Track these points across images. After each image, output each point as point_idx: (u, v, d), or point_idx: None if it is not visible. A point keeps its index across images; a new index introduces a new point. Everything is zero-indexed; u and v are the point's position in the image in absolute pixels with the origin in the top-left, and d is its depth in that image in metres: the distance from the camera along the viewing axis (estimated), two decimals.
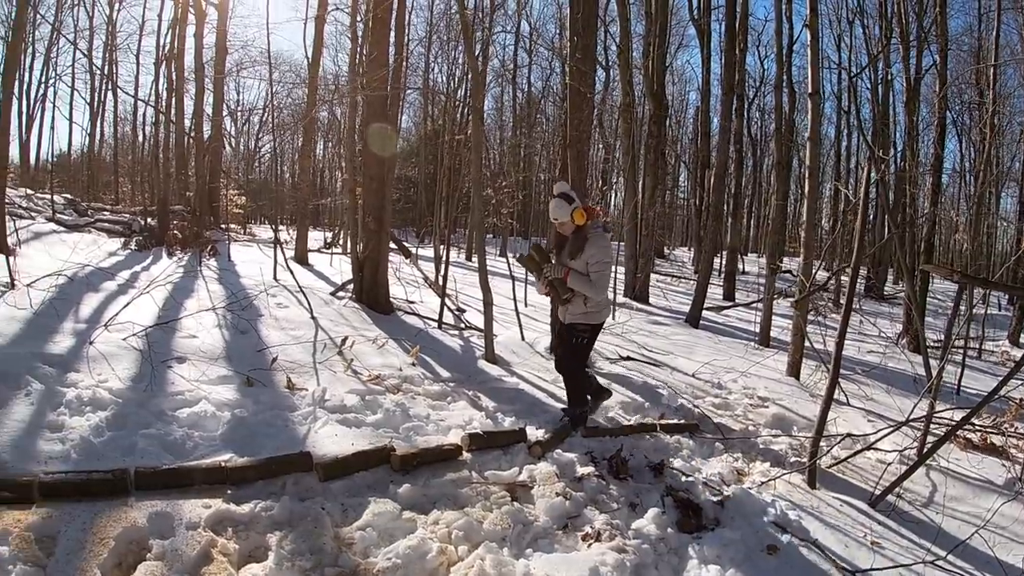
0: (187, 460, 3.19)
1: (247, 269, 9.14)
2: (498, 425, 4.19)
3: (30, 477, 2.74)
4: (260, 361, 4.76)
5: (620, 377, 5.82)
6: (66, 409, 3.42)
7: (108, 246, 10.16)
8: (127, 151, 27.22)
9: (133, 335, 4.67)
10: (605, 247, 4.17)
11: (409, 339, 6.07)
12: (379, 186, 7.53)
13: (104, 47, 22.90)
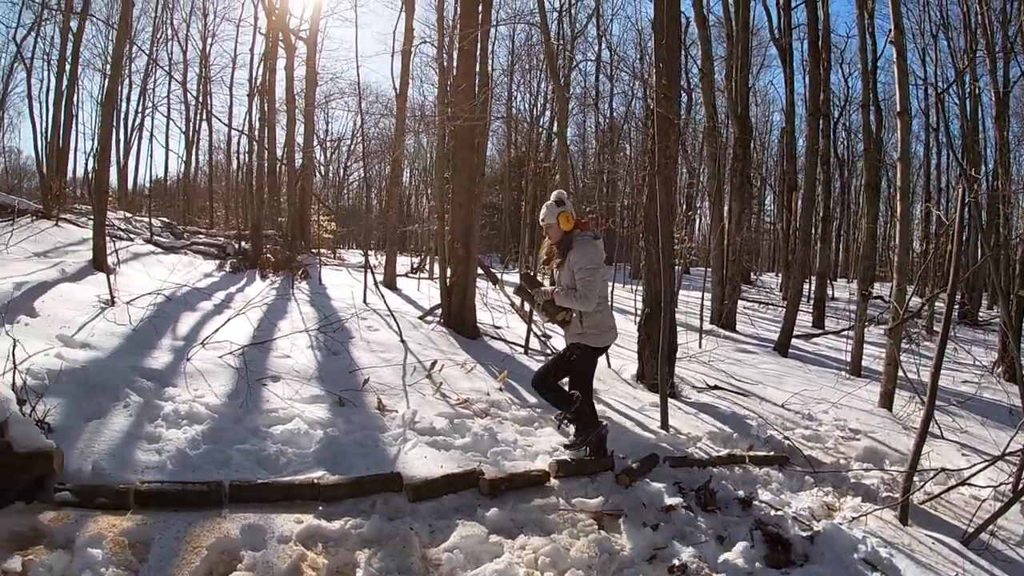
0: (280, 475, 3.96)
1: (337, 292, 11.03)
2: (584, 452, 4.96)
3: (127, 485, 3.55)
4: (351, 382, 5.81)
5: (708, 406, 6.93)
6: (163, 422, 4.40)
7: (203, 267, 12.46)
8: (220, 178, 34.00)
9: (229, 353, 5.86)
10: (589, 252, 4.75)
11: (496, 364, 7.32)
12: (467, 213, 9.18)
13: (198, 79, 29.56)
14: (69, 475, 3.69)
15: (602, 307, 4.93)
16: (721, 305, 14.93)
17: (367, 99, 32.94)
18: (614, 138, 32.24)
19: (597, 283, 4.78)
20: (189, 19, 29.44)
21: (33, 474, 3.54)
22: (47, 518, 3.34)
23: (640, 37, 30.43)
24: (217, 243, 15.86)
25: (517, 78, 31.31)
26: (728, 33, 17.33)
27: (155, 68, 29.02)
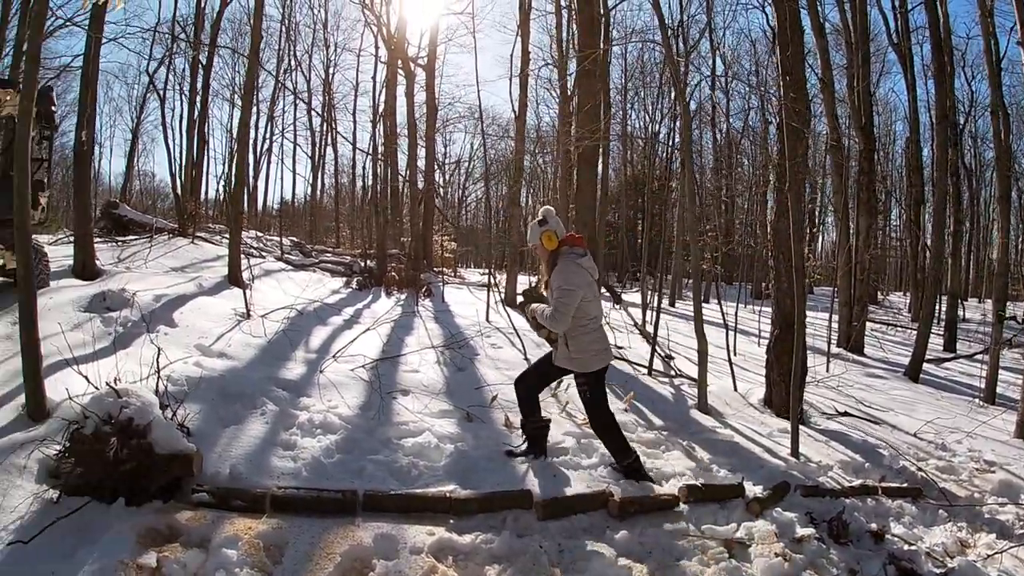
0: (412, 487, 4.31)
1: (460, 310, 11.51)
2: (713, 477, 5.13)
3: (263, 489, 3.99)
4: (478, 398, 6.16)
5: (838, 434, 7.03)
6: (298, 430, 4.91)
7: (331, 284, 13.32)
8: (344, 199, 36.90)
9: (361, 367, 6.44)
10: (566, 273, 4.74)
11: (619, 385, 7.42)
12: (590, 232, 9.46)
13: (322, 107, 32.29)
14: (206, 477, 4.16)
15: (589, 329, 4.88)
16: (849, 327, 15.02)
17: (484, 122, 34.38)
18: (732, 153, 32.70)
19: (573, 304, 4.72)
20: (311, 50, 32.74)
21: (172, 475, 4.00)
22: (184, 517, 3.76)
23: (754, 49, 31.61)
24: (343, 261, 16.99)
25: (631, 96, 32.88)
26: (847, 40, 17.30)
27: (281, 96, 32.09)
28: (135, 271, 9.79)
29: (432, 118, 19.99)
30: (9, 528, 3.51)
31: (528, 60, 15.20)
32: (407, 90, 18.93)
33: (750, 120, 32.44)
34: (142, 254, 11.40)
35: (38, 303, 4.98)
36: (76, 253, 9.32)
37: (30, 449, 4.10)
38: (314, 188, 35.28)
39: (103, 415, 3.86)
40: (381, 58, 22.99)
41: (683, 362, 9.60)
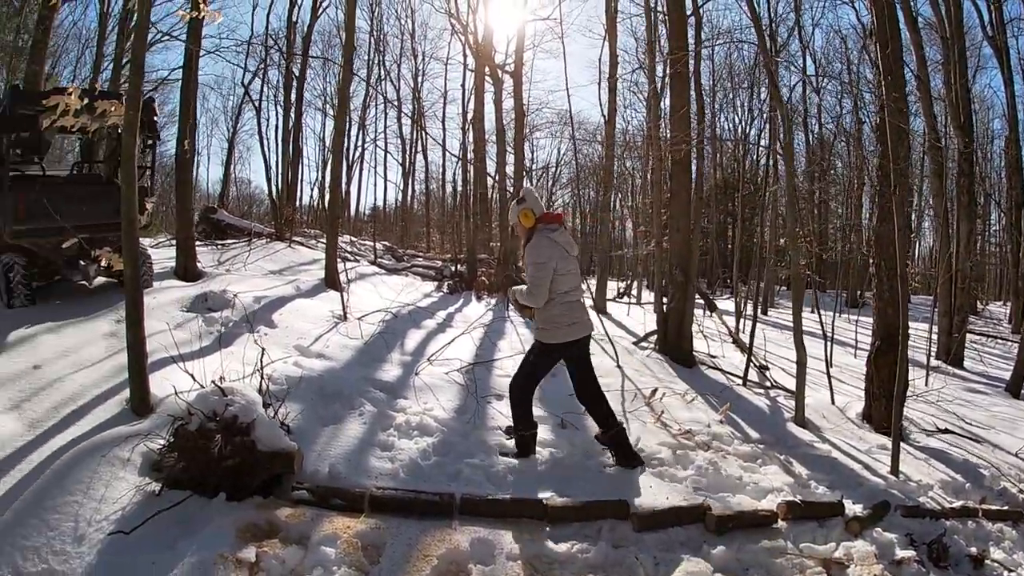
0: (508, 492, 4.28)
1: None
2: (811, 494, 5.03)
3: (362, 489, 4.05)
4: (572, 405, 5.97)
5: (938, 452, 6.83)
6: (395, 431, 4.98)
7: (423, 288, 13.52)
8: (434, 205, 37.64)
9: (456, 370, 6.49)
10: (537, 247, 4.79)
11: (714, 394, 7.37)
12: (685, 237, 9.37)
13: (412, 114, 33.02)
14: (306, 475, 4.26)
15: (557, 302, 4.87)
16: (948, 338, 14.69)
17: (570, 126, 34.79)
18: (823, 156, 31.50)
19: (546, 277, 4.77)
20: (400, 60, 33.43)
21: (273, 472, 4.10)
22: (283, 514, 3.85)
23: (844, 45, 30.60)
24: (434, 266, 17.23)
25: (720, 97, 32.15)
26: (941, 35, 16.74)
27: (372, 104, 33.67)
28: (235, 273, 10.20)
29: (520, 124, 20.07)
30: (111, 518, 3.64)
31: (616, 64, 15.28)
32: (495, 97, 19.22)
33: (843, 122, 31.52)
34: (241, 257, 11.87)
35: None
36: (178, 256, 9.77)
37: (134, 443, 4.26)
38: (405, 194, 36.34)
39: (208, 412, 3.97)
40: (468, 66, 23.43)
41: (778, 373, 9.48)
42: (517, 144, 19.55)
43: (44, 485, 3.93)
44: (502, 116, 19.25)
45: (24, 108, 7.76)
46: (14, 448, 4.51)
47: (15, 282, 7.69)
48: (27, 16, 24.09)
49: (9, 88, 8.77)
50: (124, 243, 5.08)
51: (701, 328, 10.73)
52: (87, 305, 7.82)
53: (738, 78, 31.91)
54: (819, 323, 10.55)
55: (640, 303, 17.40)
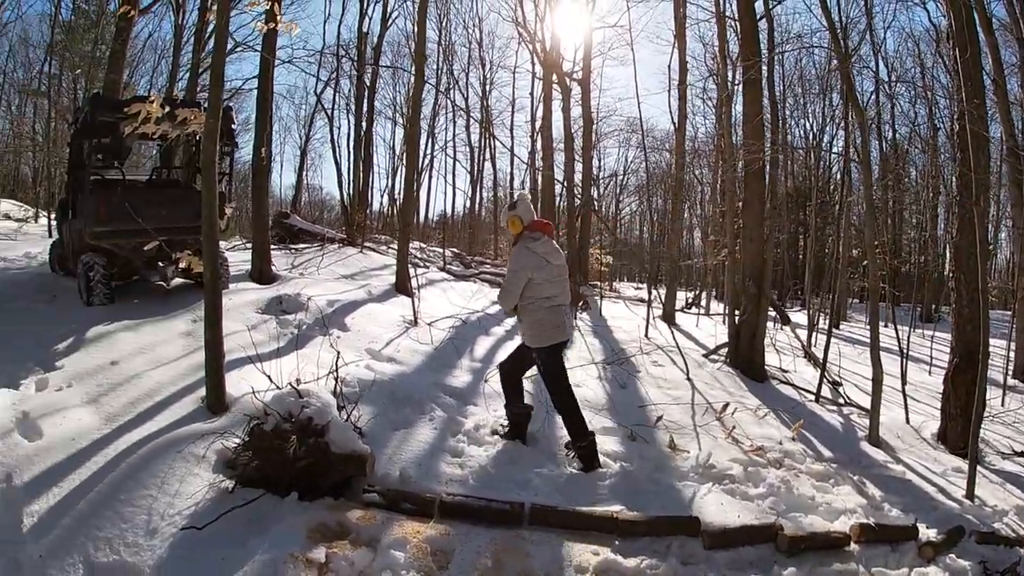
0: (577, 504, 4.26)
1: (618, 325, 11.46)
2: (884, 516, 4.92)
3: (432, 495, 4.09)
4: (641, 417, 6.08)
5: (1015, 476, 6.61)
6: (464, 437, 5.03)
7: (491, 295, 13.21)
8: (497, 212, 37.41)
9: (525, 378, 6.41)
10: (517, 254, 5.16)
11: (786, 410, 7.21)
12: (758, 248, 9.19)
13: (480, 122, 33.36)
14: (377, 478, 4.33)
15: (540, 307, 5.14)
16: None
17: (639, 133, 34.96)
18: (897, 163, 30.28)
19: (517, 284, 5.11)
20: (468, 69, 33.86)
21: (345, 474, 4.18)
22: (354, 516, 3.92)
23: (917, 50, 29.75)
24: (501, 273, 17.00)
25: (790, 103, 31.58)
26: (1017, 37, 15.75)
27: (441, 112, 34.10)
28: (308, 277, 10.43)
29: (588, 132, 20.22)
30: (184, 513, 3.76)
31: (686, 70, 15.15)
32: (563, 105, 19.28)
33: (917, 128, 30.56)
34: (314, 261, 12.17)
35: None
36: (254, 259, 10.03)
37: (210, 440, 4.39)
38: (473, 201, 36.83)
39: (284, 413, 4.06)
40: (536, 74, 23.62)
41: (850, 389, 9.22)
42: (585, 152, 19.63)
43: (119, 478, 4.09)
44: (570, 124, 19.32)
45: (105, 115, 8.13)
46: (91, 440, 4.67)
47: (95, 281, 8.01)
48: (104, 28, 25.58)
49: (91, 96, 9.17)
50: (204, 246, 5.24)
51: (773, 341, 10.55)
52: (164, 305, 8.10)
53: (808, 83, 31.35)
54: (895, 338, 10.21)
55: (709, 314, 17.26)
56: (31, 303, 8.47)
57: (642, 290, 22.51)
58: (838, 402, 8.40)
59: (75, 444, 4.60)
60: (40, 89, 27.58)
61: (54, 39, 25.85)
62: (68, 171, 9.87)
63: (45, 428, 4.81)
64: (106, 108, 8.24)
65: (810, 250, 18.23)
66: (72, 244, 8.99)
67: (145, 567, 3.40)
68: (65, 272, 9.78)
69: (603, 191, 44.62)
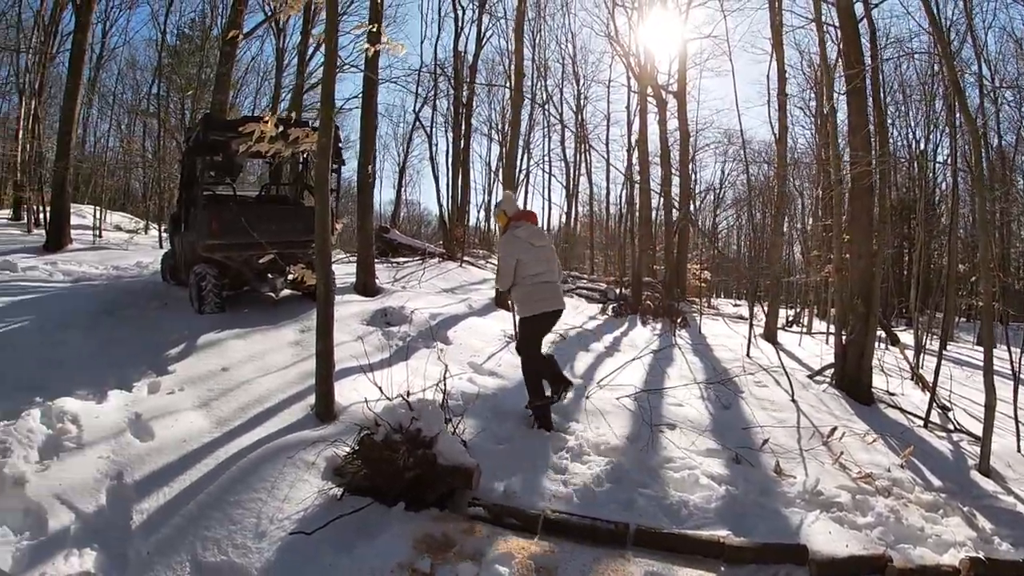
0: (682, 527, 4.25)
1: (718, 342, 11.27)
2: (994, 551, 4.74)
3: (536, 511, 4.14)
4: (745, 439, 5.97)
5: None
6: (567, 454, 5.06)
7: (588, 311, 13.67)
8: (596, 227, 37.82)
9: (627, 396, 6.50)
10: (503, 241, 6.16)
11: (894, 436, 6.92)
12: (866, 264, 8.86)
13: (575, 138, 33.65)
14: (481, 492, 4.40)
15: (527, 283, 5.93)
16: None
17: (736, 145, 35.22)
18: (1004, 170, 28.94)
19: (508, 266, 5.97)
20: (562, 85, 33.82)
21: (450, 486, 4.28)
22: (459, 528, 4.01)
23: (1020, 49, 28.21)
24: (599, 288, 17.32)
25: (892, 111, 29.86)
26: None
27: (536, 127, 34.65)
28: (410, 290, 10.75)
29: (685, 145, 20.27)
30: (292, 518, 3.93)
31: (785, 80, 14.83)
32: (659, 118, 19.21)
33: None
34: (415, 275, 12.49)
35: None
36: (358, 272, 10.37)
37: (319, 448, 4.58)
38: (568, 216, 36.92)
39: (394, 424, 4.20)
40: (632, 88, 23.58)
41: (960, 414, 8.84)
42: (682, 165, 19.49)
43: (229, 481, 4.31)
44: (667, 137, 19.25)
45: (216, 134, 8.70)
46: (201, 443, 4.93)
47: (207, 291, 8.47)
48: (207, 52, 27.44)
49: (202, 117, 9.70)
50: (318, 260, 5.47)
51: (880, 362, 10.20)
52: (273, 315, 8.47)
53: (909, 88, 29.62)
54: (1007, 360, 9.71)
55: (811, 332, 16.78)
56: (144, 310, 8.99)
57: (740, 307, 22.11)
58: (947, 428, 8.08)
59: (186, 446, 4.88)
60: (149, 110, 29.54)
61: (161, 62, 27.51)
62: (181, 187, 10.48)
63: (157, 430, 5.12)
64: (217, 128, 8.83)
65: (917, 266, 17.36)
66: (185, 255, 9.52)
67: (253, 569, 3.57)
68: (176, 281, 10.37)
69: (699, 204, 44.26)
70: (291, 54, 27.64)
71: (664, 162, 19.20)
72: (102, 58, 29.86)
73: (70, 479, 4.36)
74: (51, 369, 6.47)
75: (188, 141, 10.13)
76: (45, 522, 3.93)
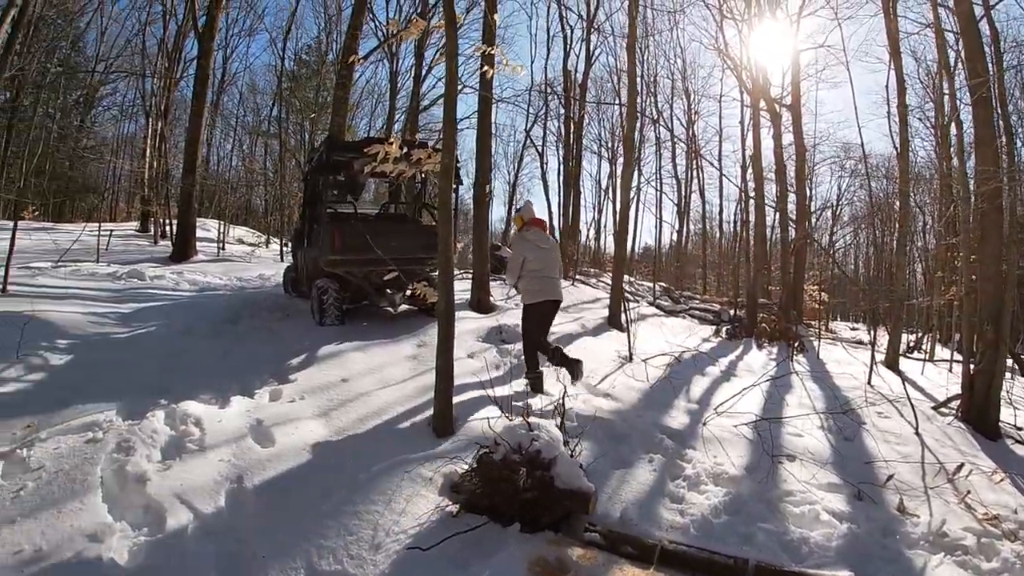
0: (803, 565, 4.12)
1: (837, 369, 10.81)
2: None
3: (653, 540, 4.09)
4: (868, 474, 5.71)
5: None
6: (684, 482, 4.97)
7: (701, 332, 13.40)
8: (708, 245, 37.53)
9: (744, 424, 6.34)
10: (513, 243, 7.66)
11: (1022, 474, 6.43)
12: (997, 288, 8.39)
13: (686, 154, 33.43)
14: (596, 517, 4.37)
15: (530, 277, 7.12)
16: None
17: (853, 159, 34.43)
18: None
19: (515, 264, 7.20)
20: (671, 100, 33.32)
21: (566, 510, 4.26)
22: (574, 553, 3.99)
23: None
24: (712, 309, 17.10)
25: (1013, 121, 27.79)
26: None
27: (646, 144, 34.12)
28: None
29: (801, 160, 19.52)
30: (409, 532, 4.02)
31: (904, 90, 14.15)
32: (773, 132, 18.76)
33: None
34: None
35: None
36: (473, 289, 10.59)
37: (437, 463, 4.69)
38: (680, 234, 36.41)
39: (514, 444, 4.25)
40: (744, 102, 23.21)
41: None
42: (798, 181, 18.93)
43: (347, 491, 4.45)
44: (781, 152, 18.70)
45: (338, 155, 9.16)
46: (320, 452, 5.11)
47: (328, 304, 8.85)
48: (324, 76, 29.00)
49: (326, 138, 10.14)
50: (440, 278, 5.62)
51: (1009, 394, 9.62)
52: (390, 329, 8.72)
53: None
54: None
55: (933, 359, 15.89)
56: (266, 320, 9.48)
57: (858, 330, 21.19)
58: None
59: (305, 454, 5.08)
60: (269, 131, 31.26)
61: (280, 87, 29.28)
62: (304, 204, 10.99)
63: (277, 436, 5.34)
64: (339, 149, 9.29)
65: None
66: (307, 269, 9.96)
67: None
68: (297, 294, 10.86)
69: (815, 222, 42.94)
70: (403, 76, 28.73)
71: (780, 178, 18.75)
72: (224, 82, 32.48)
73: (190, 480, 4.61)
74: (176, 373, 6.91)
75: (311, 161, 10.66)
76: (164, 520, 4.16)
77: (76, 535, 3.94)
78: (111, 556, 3.78)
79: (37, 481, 4.48)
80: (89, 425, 5.26)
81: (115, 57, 31.83)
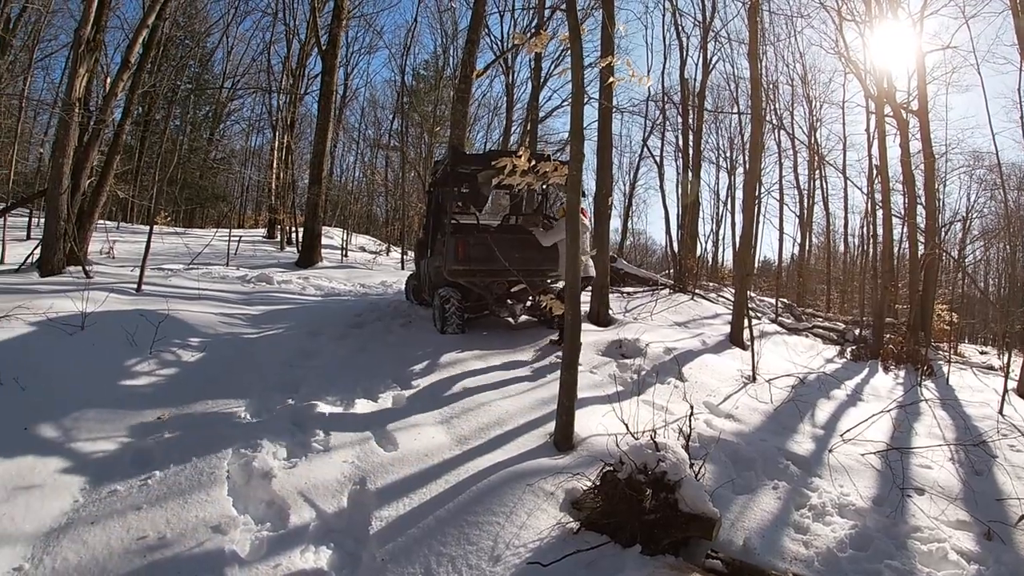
0: None
1: (967, 397, 10.09)
2: None
3: (778, 573, 4.00)
4: (998, 511, 5.33)
5: None
6: (809, 512, 4.82)
7: (825, 352, 12.93)
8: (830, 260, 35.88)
9: (872, 453, 6.07)
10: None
11: None
12: None
13: (808, 163, 32.43)
14: (718, 543, 4.30)
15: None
16: None
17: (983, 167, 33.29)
18: None
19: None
20: (792, 107, 32.46)
21: (687, 533, 4.20)
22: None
23: None
24: (836, 328, 16.39)
25: None
26: None
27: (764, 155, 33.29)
28: (642, 322, 10.72)
29: (930, 170, 18.48)
30: (529, 546, 4.06)
31: None
32: (900, 140, 17.74)
33: None
34: (647, 306, 12.42)
35: None
36: (592, 302, 10.57)
37: (559, 478, 4.73)
38: (802, 248, 35.27)
39: (639, 464, 4.24)
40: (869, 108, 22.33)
41: None
42: (927, 192, 18.06)
43: (467, 500, 4.55)
44: (909, 161, 17.78)
45: (462, 167, 9.44)
46: (442, 459, 5.24)
47: (450, 312, 9.07)
48: (442, 90, 30.07)
49: (450, 150, 10.41)
50: (568, 291, 5.71)
51: None
52: (510, 339, 8.87)
53: None
54: None
55: None
56: (389, 326, 9.80)
57: (987, 354, 20.00)
58: None
59: (427, 460, 5.21)
60: (390, 144, 32.43)
61: (400, 101, 30.40)
62: (427, 215, 11.28)
63: (400, 440, 5.53)
64: (463, 161, 9.53)
65: None
66: (430, 278, 10.24)
67: None
68: (419, 302, 11.19)
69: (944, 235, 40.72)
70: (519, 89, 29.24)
71: (908, 188, 17.77)
72: (346, 97, 34.02)
73: (315, 479, 4.84)
74: (303, 373, 7.26)
75: (435, 173, 10.94)
76: (287, 516, 4.39)
77: (200, 525, 4.21)
78: (233, 548, 4.02)
79: (165, 471, 4.82)
80: (218, 419, 5.62)
81: (242, 74, 34.46)
